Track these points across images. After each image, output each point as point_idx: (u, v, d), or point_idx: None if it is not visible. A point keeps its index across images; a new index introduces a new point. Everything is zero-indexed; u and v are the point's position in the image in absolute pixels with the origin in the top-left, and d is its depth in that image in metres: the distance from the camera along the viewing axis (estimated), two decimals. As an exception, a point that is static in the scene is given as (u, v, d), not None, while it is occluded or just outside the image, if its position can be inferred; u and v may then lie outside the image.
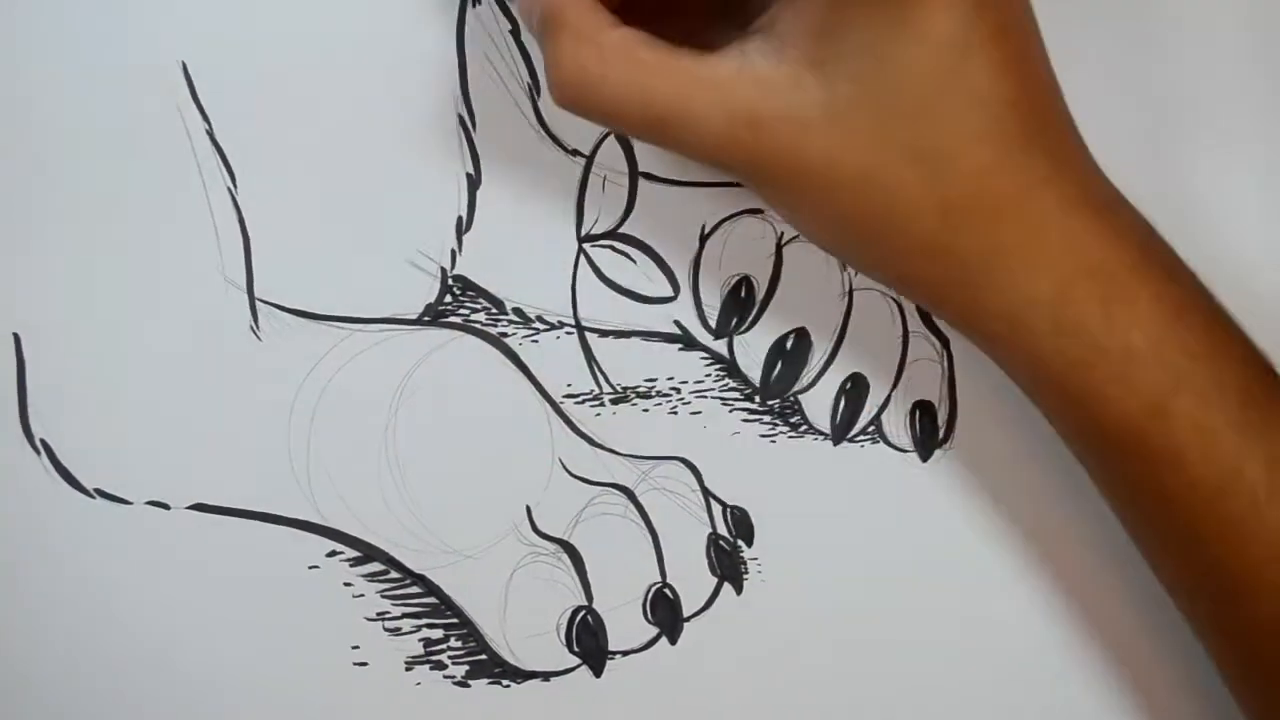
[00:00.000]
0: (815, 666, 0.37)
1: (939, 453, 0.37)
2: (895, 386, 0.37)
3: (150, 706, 0.36)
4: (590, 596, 0.36)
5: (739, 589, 0.37)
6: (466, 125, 0.36)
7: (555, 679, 0.36)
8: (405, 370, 0.36)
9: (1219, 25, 0.37)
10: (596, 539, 0.36)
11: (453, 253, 0.36)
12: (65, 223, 0.36)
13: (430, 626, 0.36)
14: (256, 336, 0.36)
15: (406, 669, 0.36)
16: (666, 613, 0.37)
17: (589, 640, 0.36)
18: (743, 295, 0.37)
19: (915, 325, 0.37)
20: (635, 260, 0.37)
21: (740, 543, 0.37)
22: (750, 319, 0.37)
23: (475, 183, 0.36)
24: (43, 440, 0.36)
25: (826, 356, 0.37)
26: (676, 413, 0.37)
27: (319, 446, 0.36)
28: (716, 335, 0.37)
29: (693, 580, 0.37)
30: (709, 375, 0.37)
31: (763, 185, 0.31)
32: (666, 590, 0.37)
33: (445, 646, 0.36)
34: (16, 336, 0.36)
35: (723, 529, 0.37)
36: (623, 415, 0.37)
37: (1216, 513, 0.30)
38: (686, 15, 0.32)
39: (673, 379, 0.37)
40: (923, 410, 0.37)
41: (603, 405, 0.37)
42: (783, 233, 0.37)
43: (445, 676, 0.36)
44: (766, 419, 0.37)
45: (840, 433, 0.37)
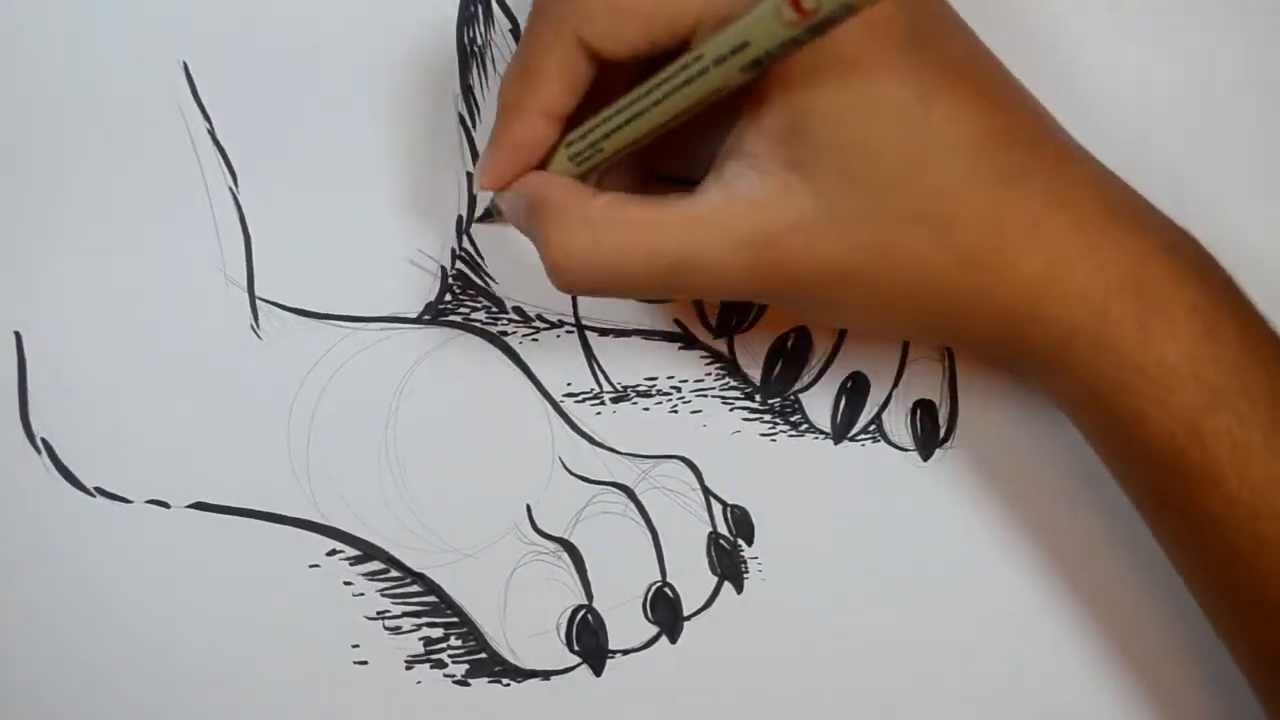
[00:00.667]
0: (815, 665, 0.37)
1: (940, 452, 0.37)
2: (896, 385, 0.37)
3: (150, 705, 0.36)
4: (590, 595, 0.36)
5: (739, 588, 0.37)
6: (466, 125, 0.36)
7: (555, 678, 0.36)
8: (405, 369, 0.36)
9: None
10: (597, 538, 0.36)
11: (453, 251, 0.36)
12: (66, 222, 0.36)
13: (430, 625, 0.36)
14: (257, 335, 0.36)
15: (407, 668, 0.36)
16: (667, 612, 0.37)
17: (589, 639, 0.36)
18: (743, 294, 0.37)
19: (916, 324, 0.37)
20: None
21: (740, 542, 0.37)
22: (751, 318, 0.37)
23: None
24: (43, 439, 0.36)
25: (827, 355, 0.37)
26: (677, 411, 0.37)
27: (319, 445, 0.36)
28: (717, 334, 0.37)
29: (693, 579, 0.37)
30: (709, 374, 0.37)
31: (791, 299, 0.31)
32: (667, 589, 0.37)
33: (445, 645, 0.36)
34: (18, 335, 0.36)
35: (723, 528, 0.37)
36: (623, 414, 0.37)
37: (1254, 531, 0.30)
38: (645, 166, 0.33)
39: (673, 378, 0.37)
40: (923, 409, 0.37)
41: (603, 404, 0.37)
42: (783, 231, 0.37)
43: (445, 675, 0.36)
44: (767, 418, 0.37)
45: (841, 432, 0.37)
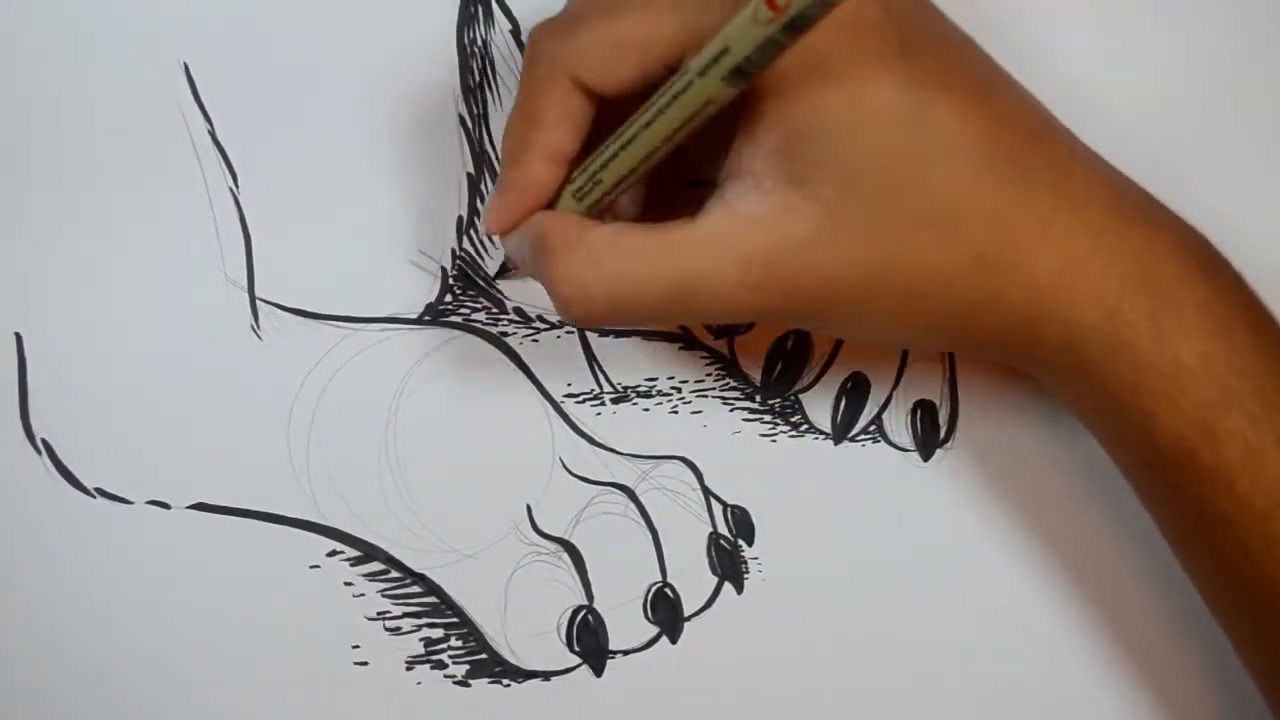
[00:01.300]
0: (816, 665, 0.37)
1: (940, 452, 0.37)
2: (896, 386, 0.37)
3: (151, 706, 0.36)
4: (591, 596, 0.36)
5: (740, 588, 0.37)
6: (466, 125, 0.36)
7: (556, 678, 0.36)
8: (406, 369, 0.36)
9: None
10: (597, 538, 0.36)
11: (453, 252, 0.36)
12: (66, 222, 0.36)
13: (431, 626, 0.36)
14: (257, 336, 0.36)
15: (407, 668, 0.36)
16: (667, 612, 0.36)
17: (589, 640, 0.36)
18: (743, 294, 0.37)
19: (916, 324, 0.37)
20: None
21: (741, 542, 0.37)
22: (751, 318, 0.37)
23: (475, 182, 0.36)
24: (44, 440, 0.36)
25: (827, 356, 0.37)
26: (677, 412, 0.37)
27: (319, 446, 0.36)
28: (717, 334, 0.37)
29: (693, 579, 0.37)
30: (710, 374, 0.37)
31: (800, 316, 0.31)
32: (667, 589, 0.37)
33: (446, 646, 0.36)
34: (18, 336, 0.36)
35: (723, 528, 0.37)
36: (623, 414, 0.37)
37: (1265, 533, 0.30)
38: (675, 182, 0.32)
39: (673, 378, 0.37)
40: (924, 410, 0.37)
41: (603, 404, 0.37)
42: (783, 232, 0.37)
43: (446, 676, 0.36)
44: (767, 418, 0.37)
45: (841, 432, 0.37)
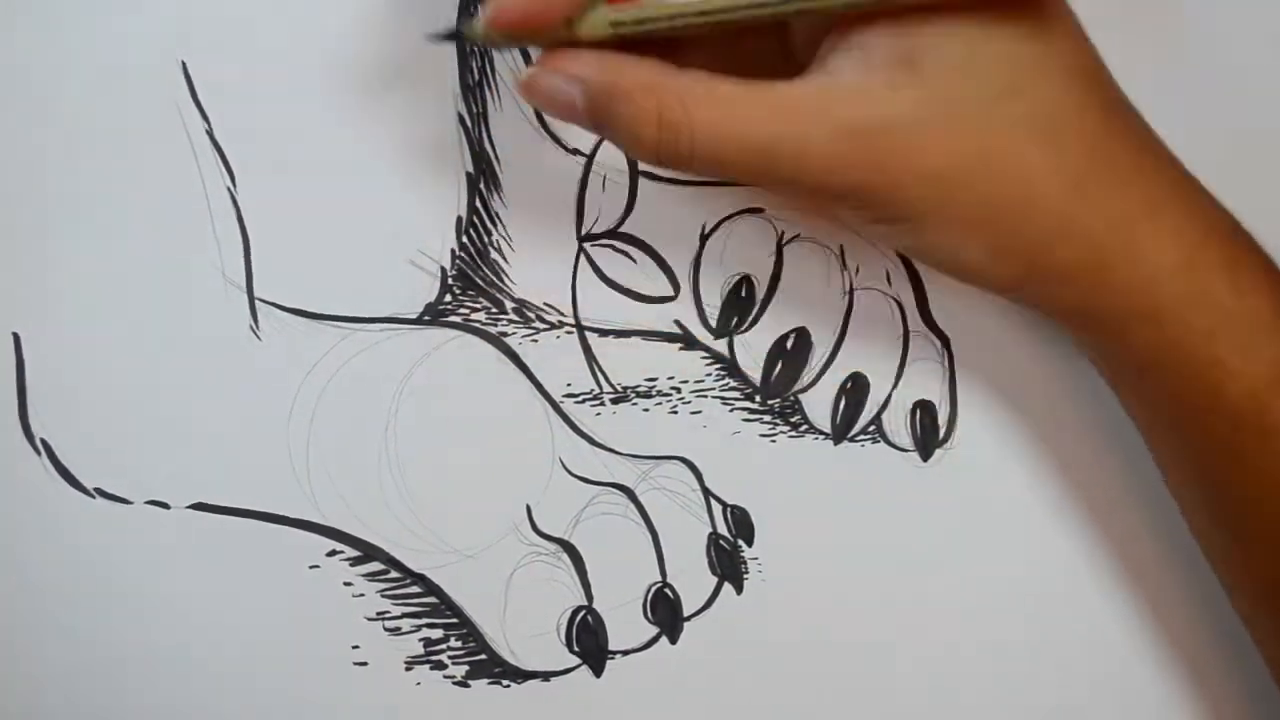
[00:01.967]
0: (815, 665, 0.37)
1: (939, 452, 0.37)
2: (896, 386, 0.37)
3: (150, 706, 0.36)
4: (590, 596, 0.36)
5: (739, 588, 0.37)
6: (466, 125, 0.36)
7: (555, 679, 0.36)
8: (405, 370, 0.36)
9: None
10: (597, 539, 0.36)
11: (453, 252, 0.36)
12: (65, 223, 0.36)
13: (430, 626, 0.36)
14: (256, 336, 0.36)
15: (406, 669, 0.36)
16: (667, 612, 0.36)
17: (589, 640, 0.36)
18: (743, 294, 0.37)
19: (916, 324, 0.37)
20: (635, 259, 0.37)
21: (740, 542, 0.37)
22: (751, 318, 0.37)
23: (475, 182, 0.36)
24: (43, 440, 0.36)
25: (827, 356, 0.37)
26: (677, 412, 0.37)
27: (319, 446, 0.36)
28: (717, 335, 0.37)
29: (693, 580, 0.37)
30: (709, 375, 0.37)
31: (883, 202, 0.30)
32: (667, 590, 0.37)
33: (445, 646, 0.36)
34: (16, 336, 0.36)
35: (723, 528, 0.37)
36: (623, 415, 0.37)
37: None
38: (736, 57, 0.31)
39: (673, 378, 0.37)
40: (923, 410, 0.37)
41: (603, 405, 0.37)
42: (783, 232, 0.37)
43: (445, 676, 0.36)
44: (767, 418, 0.37)
45: (841, 432, 0.37)
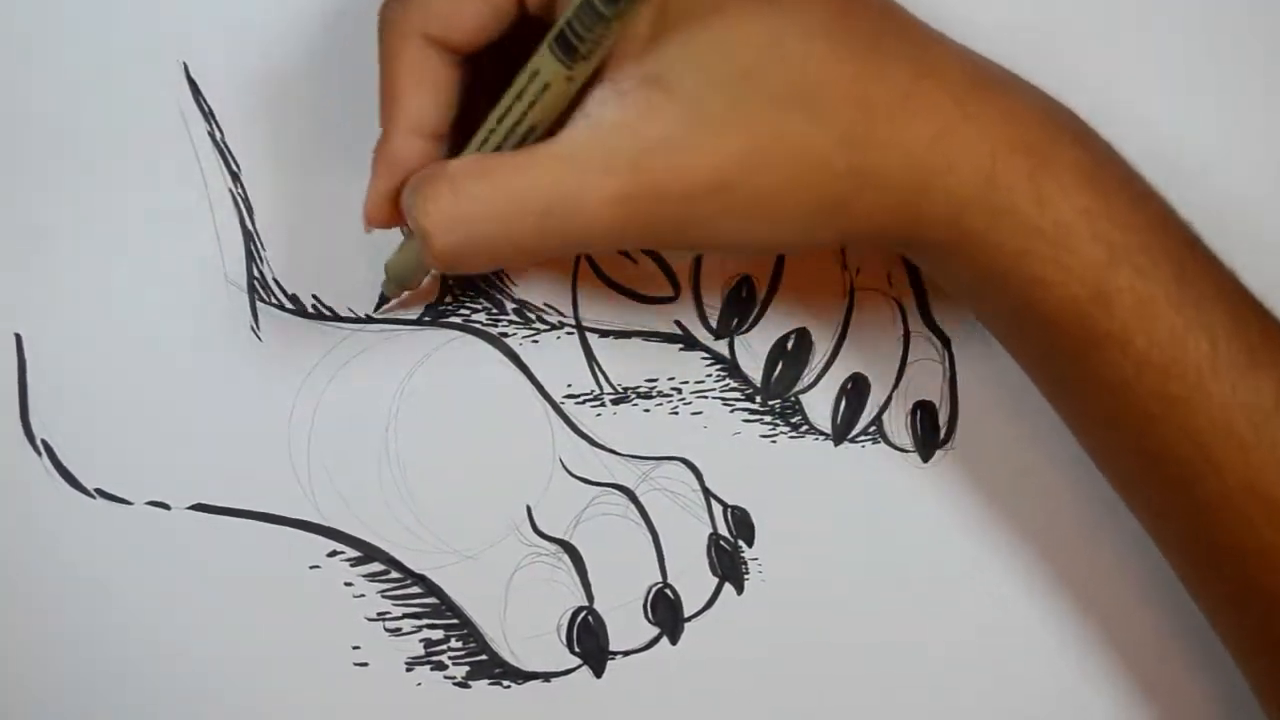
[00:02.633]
0: (816, 666, 0.37)
1: (940, 453, 0.37)
2: (896, 387, 0.37)
3: (150, 706, 0.36)
4: (591, 597, 0.36)
5: (740, 589, 0.37)
6: (467, 125, 0.36)
7: (556, 679, 0.36)
8: (406, 370, 0.36)
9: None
10: (597, 539, 0.36)
11: (453, 253, 0.36)
12: (66, 223, 0.36)
13: (431, 627, 0.36)
14: (257, 337, 0.36)
15: (407, 669, 0.36)
16: (667, 613, 0.37)
17: (589, 641, 0.36)
18: (743, 295, 0.37)
19: (916, 325, 0.37)
20: (636, 260, 0.37)
21: (741, 543, 0.37)
22: (751, 319, 0.37)
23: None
24: (43, 440, 0.36)
25: (827, 356, 0.37)
26: (677, 413, 0.37)
27: (319, 447, 0.36)
28: (717, 335, 0.37)
29: (693, 580, 0.37)
30: (710, 375, 0.37)
31: (671, 226, 0.29)
32: (667, 590, 0.37)
33: (446, 647, 0.36)
34: (18, 337, 0.36)
35: (723, 529, 0.37)
36: (623, 415, 0.37)
37: (1164, 393, 0.30)
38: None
39: (673, 379, 0.37)
40: (923, 410, 0.37)
41: (603, 405, 0.37)
42: (783, 233, 0.37)
43: (446, 677, 0.36)
44: (767, 419, 0.37)
45: (841, 433, 0.37)
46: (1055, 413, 0.33)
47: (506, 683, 0.36)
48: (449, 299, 0.36)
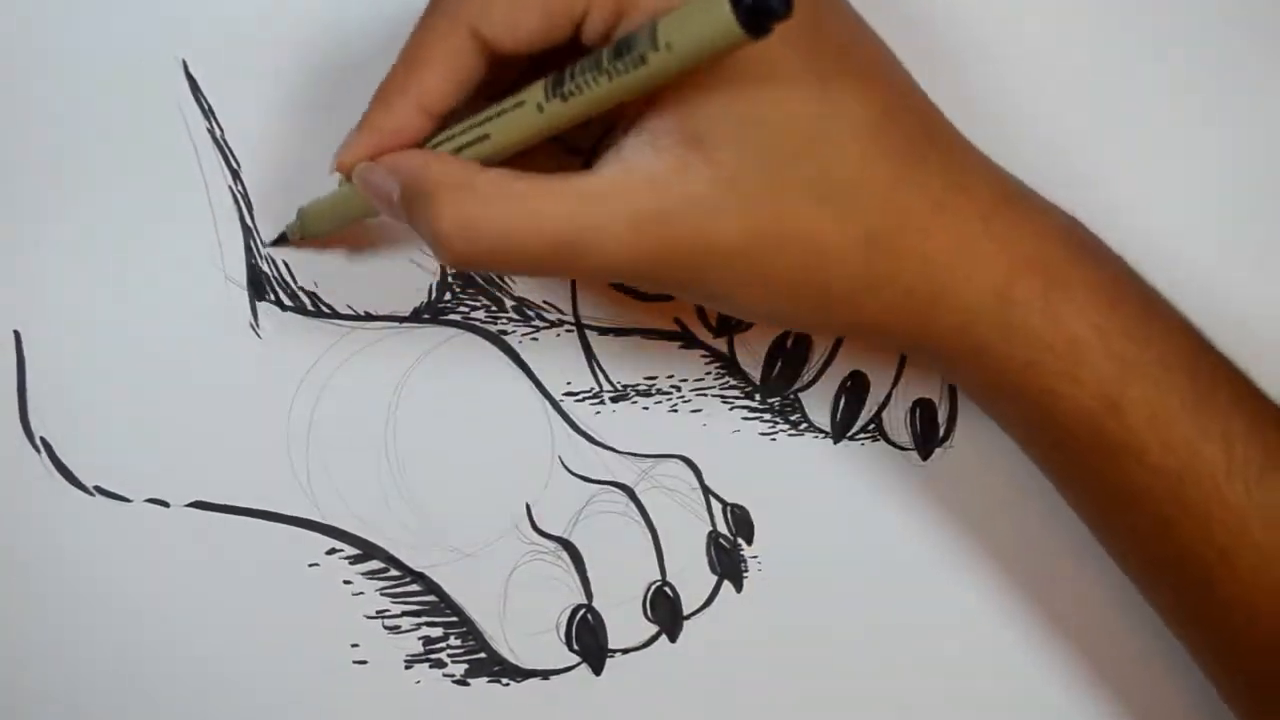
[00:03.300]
0: (815, 664, 0.37)
1: (939, 451, 0.37)
2: (895, 384, 0.37)
3: (149, 704, 0.36)
4: (590, 595, 0.36)
5: (739, 587, 0.37)
6: (466, 123, 0.36)
7: (555, 677, 0.36)
8: (405, 368, 0.36)
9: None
10: (596, 537, 0.36)
11: (453, 250, 0.36)
12: (66, 221, 0.36)
13: (430, 625, 0.36)
14: (256, 334, 0.36)
15: (406, 667, 0.36)
16: (666, 611, 0.36)
17: (589, 638, 0.36)
18: (743, 293, 0.37)
19: (915, 323, 0.37)
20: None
21: (740, 541, 0.37)
22: (750, 317, 0.37)
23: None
24: (42, 438, 0.36)
25: (827, 354, 0.37)
26: (677, 411, 0.37)
27: (319, 444, 0.36)
28: (717, 333, 0.37)
29: (693, 578, 0.37)
30: (709, 373, 0.37)
31: (685, 282, 0.30)
32: (666, 588, 0.37)
33: (445, 645, 0.36)
34: (17, 334, 0.36)
35: (723, 527, 0.37)
36: (623, 413, 0.37)
37: (1180, 498, 0.30)
38: (537, 154, 0.31)
39: (673, 377, 0.37)
40: (923, 408, 0.37)
41: (603, 403, 0.37)
42: (783, 230, 0.37)
43: (445, 675, 0.36)
44: (767, 417, 0.37)
45: (840, 431, 0.37)
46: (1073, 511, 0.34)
47: (505, 680, 0.36)
48: (448, 297, 0.36)
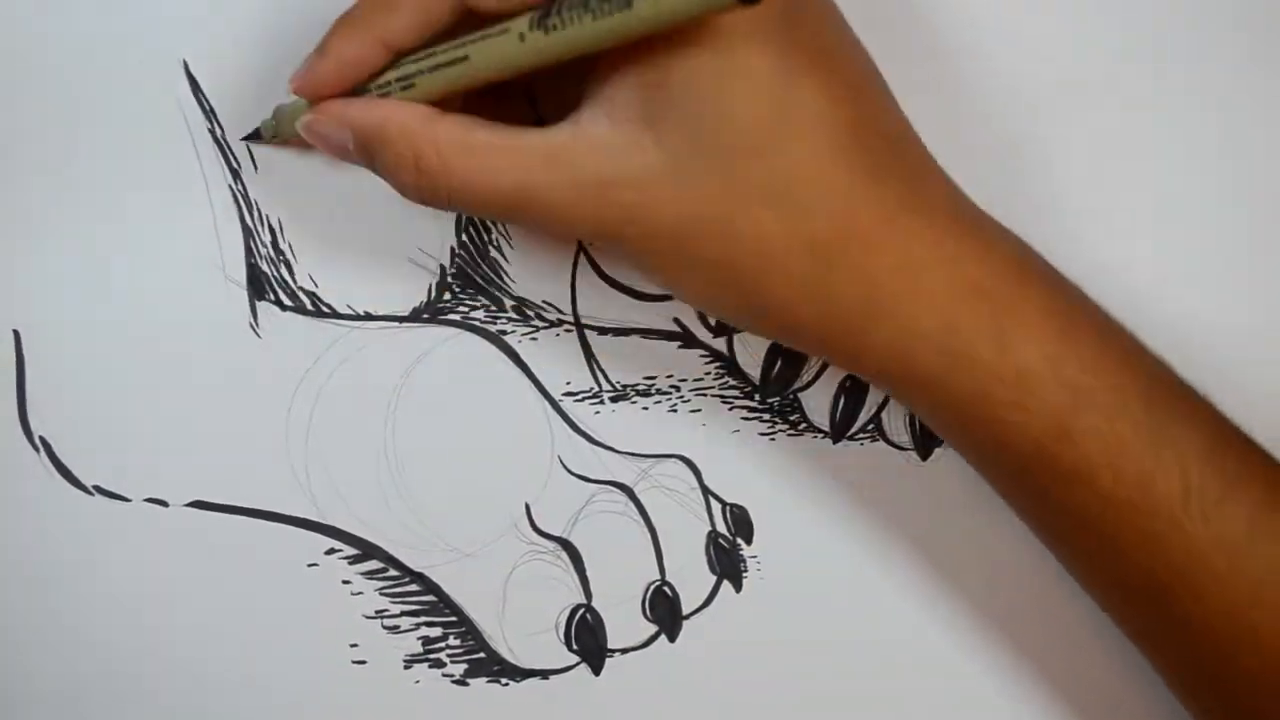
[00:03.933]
0: (814, 664, 0.37)
1: (939, 451, 0.37)
2: (895, 384, 0.37)
3: (148, 703, 0.36)
4: (589, 594, 0.36)
5: (738, 587, 0.37)
6: (466, 123, 0.36)
7: (554, 677, 0.36)
8: (404, 367, 0.36)
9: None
10: (596, 537, 0.36)
11: (452, 250, 0.36)
12: (65, 220, 0.36)
13: (429, 625, 0.36)
14: (256, 334, 0.36)
15: (405, 667, 0.36)
16: (666, 611, 0.36)
17: (588, 638, 0.36)
18: (742, 293, 0.37)
19: (915, 323, 0.37)
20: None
21: (740, 541, 0.37)
22: (750, 317, 0.37)
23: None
24: (42, 437, 0.36)
25: (826, 354, 0.37)
26: (676, 410, 0.37)
27: (318, 444, 0.36)
28: (716, 333, 0.37)
29: (692, 578, 0.37)
30: (709, 373, 0.37)
31: (631, 250, 0.30)
32: (666, 588, 0.37)
33: (444, 645, 0.36)
34: (16, 334, 0.36)
35: (722, 527, 0.37)
36: (622, 413, 0.37)
37: (1135, 526, 0.30)
38: (507, 100, 0.32)
39: (672, 376, 0.37)
40: (922, 408, 0.37)
41: (602, 403, 0.37)
42: (782, 230, 0.37)
43: (444, 675, 0.36)
44: (766, 417, 0.37)
45: (840, 431, 0.37)
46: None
47: (505, 680, 0.36)
48: (447, 297, 0.36)
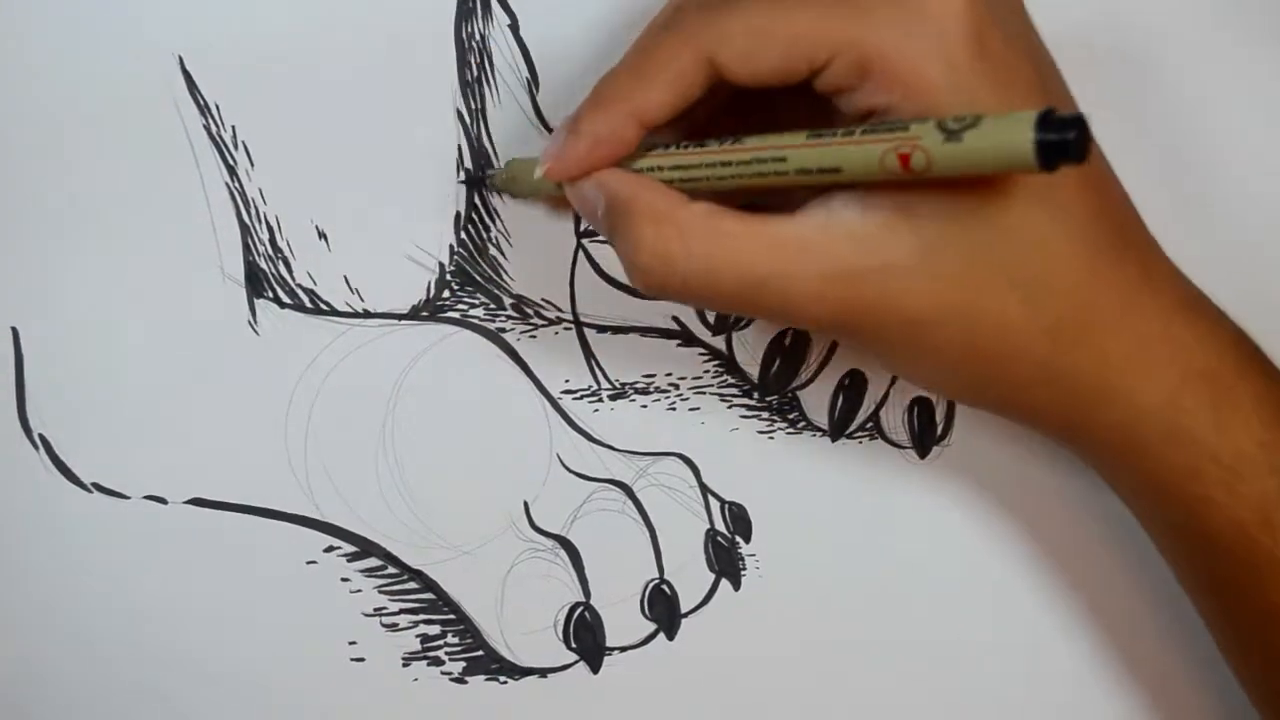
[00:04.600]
0: (812, 662, 0.37)
1: (937, 449, 0.37)
2: (893, 383, 0.37)
3: (147, 701, 0.36)
4: (588, 593, 0.36)
5: (737, 585, 0.37)
6: (464, 120, 0.36)
7: (552, 675, 0.36)
8: (403, 365, 0.36)
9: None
10: (594, 535, 0.36)
11: (451, 248, 0.36)
12: (64, 218, 0.36)
13: (427, 622, 0.36)
14: (254, 332, 0.36)
15: (403, 665, 0.36)
16: (664, 609, 0.37)
17: (586, 636, 0.36)
18: (741, 291, 0.37)
19: (914, 322, 0.37)
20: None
21: (738, 539, 0.37)
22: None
23: (473, 178, 0.36)
24: (41, 435, 0.36)
25: (825, 353, 0.37)
26: (675, 409, 0.37)
27: (317, 442, 0.36)
28: (715, 331, 0.37)
29: (690, 576, 0.37)
30: (707, 371, 0.37)
31: (866, 339, 0.30)
32: (664, 586, 0.37)
33: (442, 643, 0.36)
34: (15, 331, 0.36)
35: (721, 525, 0.37)
36: (621, 411, 0.37)
37: None
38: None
39: (671, 375, 0.37)
40: (921, 407, 0.37)
41: (601, 401, 0.37)
42: (781, 229, 0.37)
43: (442, 673, 0.36)
44: (765, 415, 0.37)
45: (838, 429, 0.37)
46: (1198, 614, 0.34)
47: (503, 678, 0.36)
48: (446, 294, 0.36)
